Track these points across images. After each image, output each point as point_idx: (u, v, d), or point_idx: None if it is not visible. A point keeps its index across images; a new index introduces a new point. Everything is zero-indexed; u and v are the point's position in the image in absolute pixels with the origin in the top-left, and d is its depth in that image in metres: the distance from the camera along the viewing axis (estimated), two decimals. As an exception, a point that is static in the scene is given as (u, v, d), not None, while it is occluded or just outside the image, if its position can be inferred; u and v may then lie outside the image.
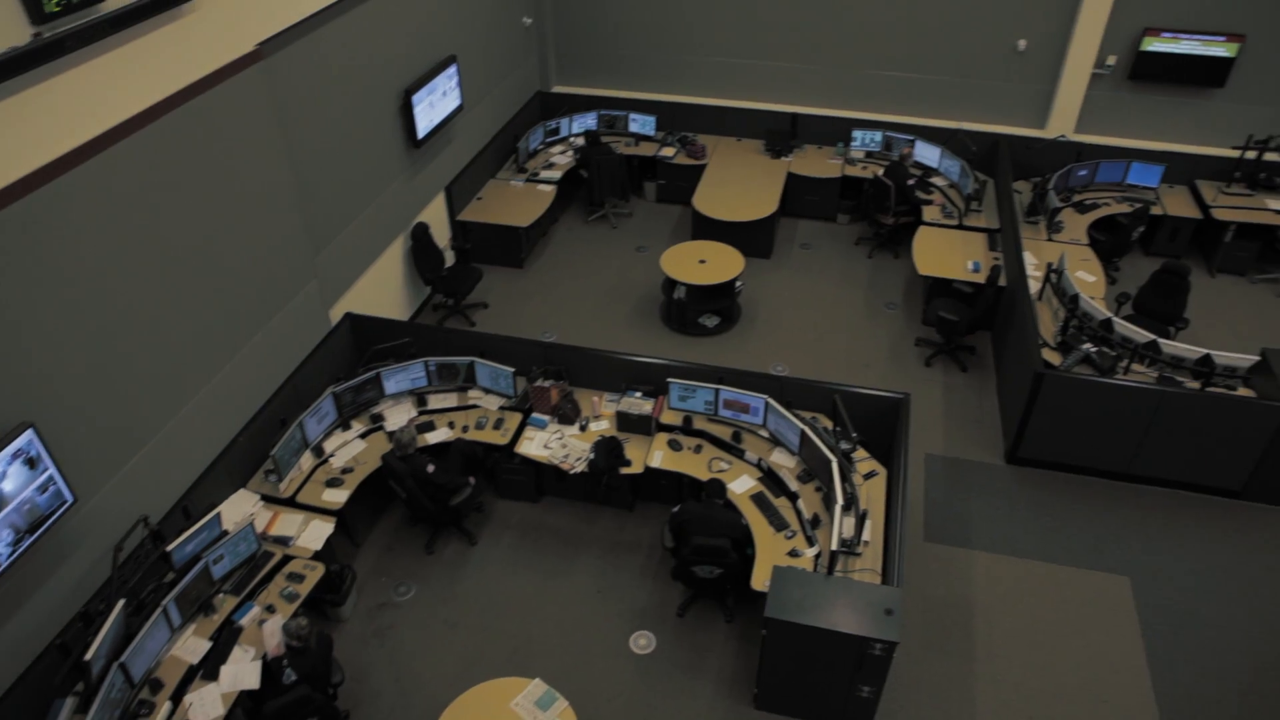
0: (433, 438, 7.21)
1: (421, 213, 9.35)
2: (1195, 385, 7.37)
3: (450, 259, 9.84)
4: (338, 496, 6.64)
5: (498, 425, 7.28)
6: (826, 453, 6.32)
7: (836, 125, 11.33)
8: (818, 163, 11.08)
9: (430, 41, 8.96)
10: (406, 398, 7.54)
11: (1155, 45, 10.28)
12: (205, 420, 6.28)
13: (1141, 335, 7.55)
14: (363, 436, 7.21)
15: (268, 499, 6.58)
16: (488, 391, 7.58)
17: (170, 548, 5.71)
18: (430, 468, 6.61)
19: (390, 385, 7.42)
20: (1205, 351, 7.36)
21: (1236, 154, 10.52)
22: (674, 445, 7.07)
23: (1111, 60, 10.54)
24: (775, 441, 7.01)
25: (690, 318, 9.30)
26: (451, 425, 7.32)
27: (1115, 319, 7.72)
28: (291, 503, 6.60)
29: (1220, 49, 10.17)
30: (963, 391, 8.65)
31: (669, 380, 7.08)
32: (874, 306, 9.79)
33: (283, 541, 6.27)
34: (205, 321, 6.16)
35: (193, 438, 6.18)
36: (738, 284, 9.18)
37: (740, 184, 10.59)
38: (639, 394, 7.33)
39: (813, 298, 9.91)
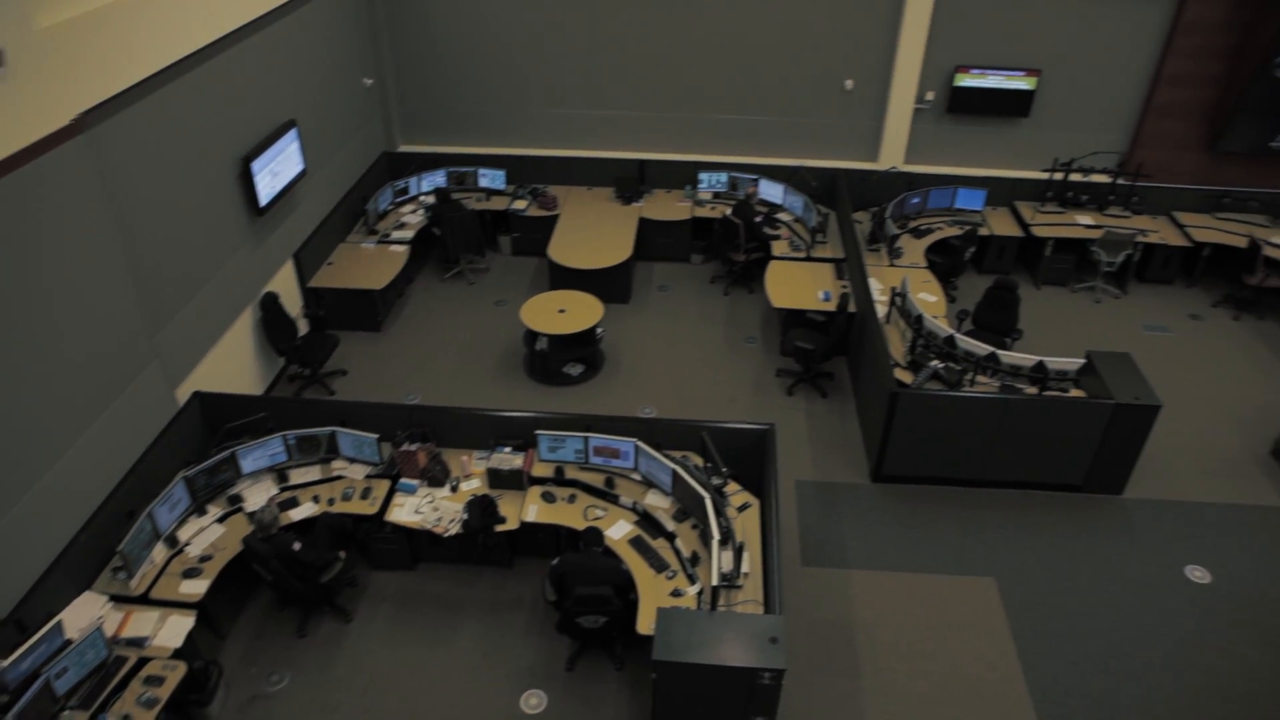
0: (297, 514, 6.91)
1: (270, 282, 9.04)
2: (1033, 391, 7.87)
3: (304, 327, 9.53)
4: (196, 587, 6.25)
5: (365, 494, 7.05)
6: (699, 490, 6.40)
7: (683, 169, 11.66)
8: (667, 206, 11.36)
9: (267, 107, 8.74)
10: (266, 475, 7.21)
11: (966, 81, 11.08)
12: (38, 522, 5.81)
13: (982, 348, 8.02)
14: (220, 520, 6.83)
15: (118, 599, 6.13)
16: (352, 461, 7.34)
17: (1, 667, 5.21)
18: (296, 546, 6.33)
19: (247, 464, 7.08)
20: (1039, 359, 7.89)
21: (1046, 176, 11.45)
22: (548, 497, 7.01)
23: (930, 96, 11.30)
24: (648, 483, 7.05)
25: (554, 368, 9.30)
26: (316, 499, 7.04)
27: (957, 335, 8.17)
28: (145, 600, 6.17)
29: (1022, 83, 11.06)
30: (825, 417, 8.95)
31: (537, 432, 7.04)
32: (734, 342, 10.04)
33: (137, 643, 5.84)
34: (31, 414, 5.73)
35: (23, 543, 5.69)
36: (599, 331, 9.25)
37: (594, 232, 10.72)
38: (508, 449, 7.25)
39: (674, 338, 10.09)
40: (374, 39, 11.11)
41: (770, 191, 11.21)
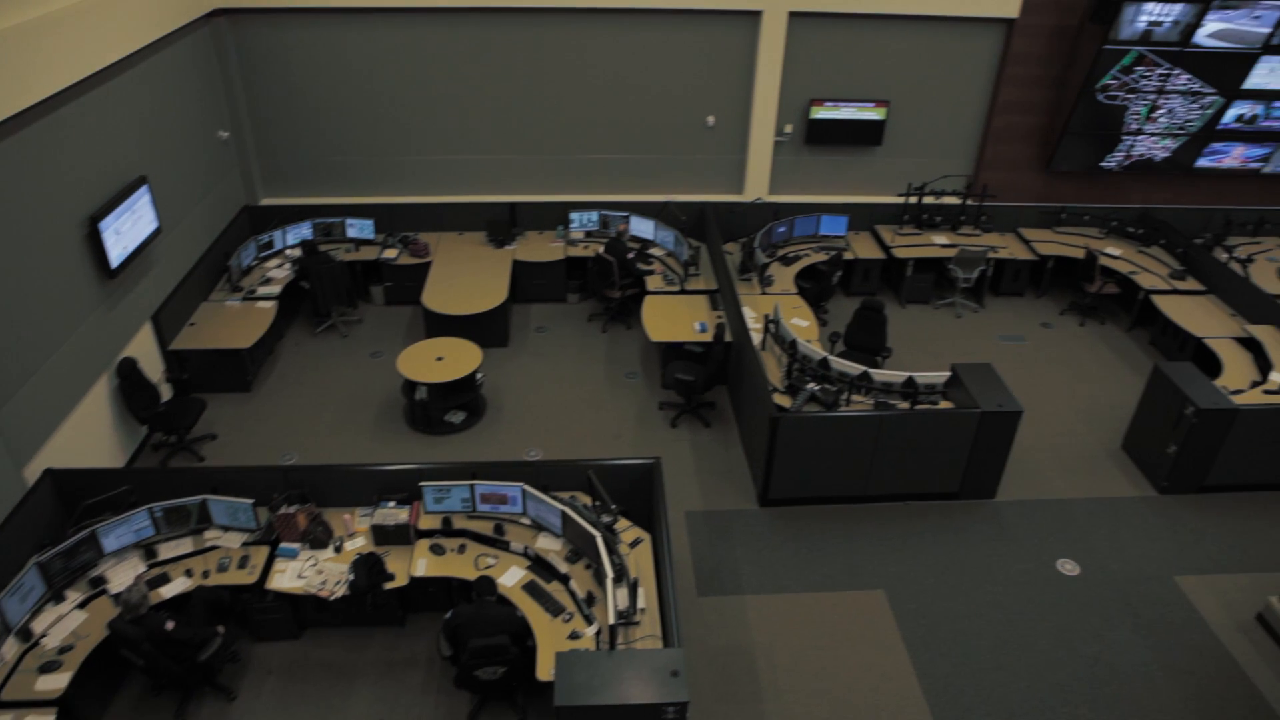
0: (168, 591, 6.52)
1: (127, 347, 8.57)
2: (905, 405, 8.18)
3: (167, 392, 9.07)
4: (56, 682, 5.79)
5: (243, 564, 6.72)
6: (590, 529, 6.37)
7: (554, 209, 11.72)
8: (540, 247, 11.37)
9: (115, 164, 8.34)
10: (132, 553, 6.79)
11: (821, 113, 11.57)
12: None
13: (855, 368, 8.30)
14: (82, 606, 6.38)
15: (-35, 704, 5.63)
16: (227, 529, 6.99)
17: None
18: (169, 625, 5.96)
19: (110, 542, 6.65)
20: (908, 374, 8.22)
21: (902, 200, 12.03)
22: (437, 549, 6.84)
23: (789, 128, 11.73)
24: (538, 527, 6.97)
25: (435, 417, 9.12)
26: (189, 573, 6.66)
27: (830, 357, 8.44)
28: (-4, 702, 5.69)
29: (873, 113, 11.62)
30: (710, 446, 9.07)
31: (422, 484, 6.88)
32: (615, 378, 10.09)
33: (-9, 749, 5.38)
34: None
35: None
36: (478, 376, 9.14)
37: (468, 277, 10.63)
38: (393, 503, 7.05)
39: (555, 378, 10.06)
40: (228, 90, 10.78)
41: (641, 228, 11.38)
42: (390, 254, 11.17)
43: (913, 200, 12.08)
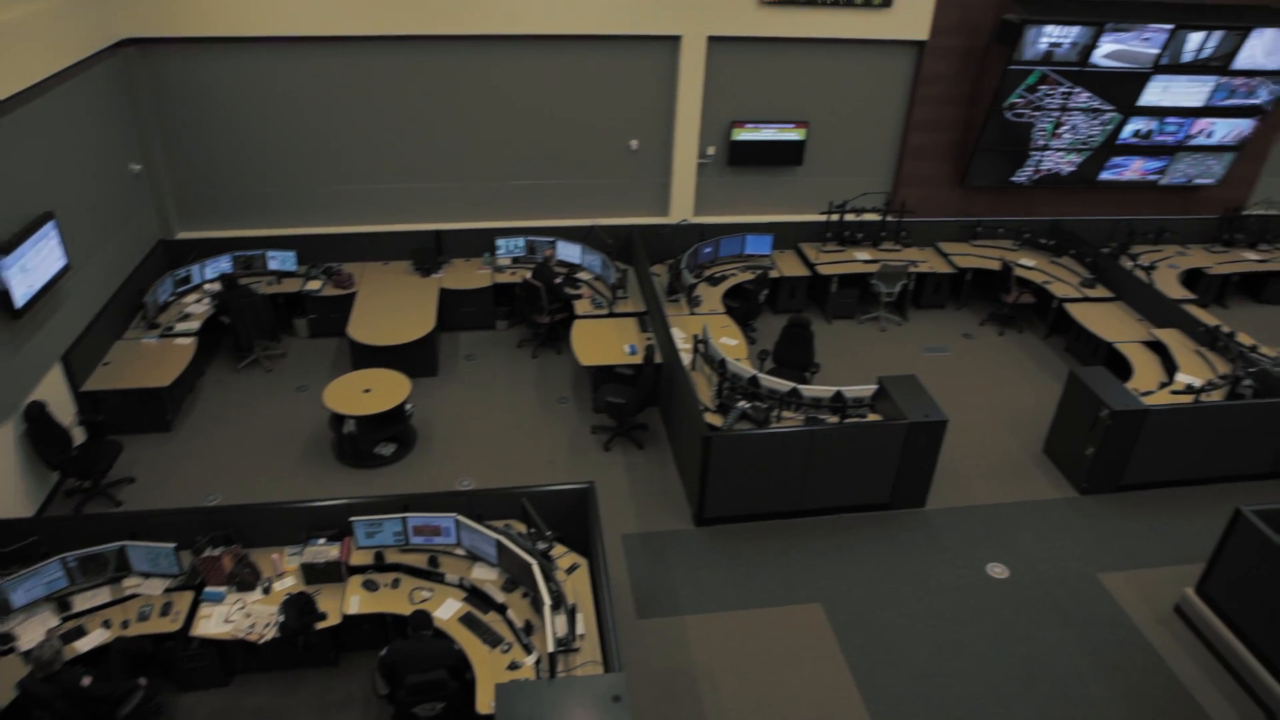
0: (85, 644, 6.24)
1: (34, 390, 8.23)
2: (835, 419, 8.31)
3: (80, 436, 8.72)
4: (-34, 745, 5.51)
5: (165, 611, 6.48)
6: (525, 557, 6.31)
7: (480, 236, 11.66)
8: (467, 275, 11.30)
9: (18, 199, 8.04)
10: (43, 606, 6.48)
11: (743, 135, 11.75)
12: None
13: (784, 385, 8.41)
14: (-9, 664, 6.08)
15: None
16: (148, 576, 6.73)
17: None
18: (86, 681, 5.70)
19: (19, 596, 6.35)
20: (836, 389, 8.36)
21: (824, 218, 12.28)
22: (370, 585, 6.69)
23: (711, 150, 11.89)
24: (473, 557, 6.88)
25: (365, 450, 8.95)
26: (107, 624, 6.39)
27: (760, 375, 8.53)
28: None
29: (793, 134, 11.85)
30: (644, 468, 9.07)
31: (352, 519, 6.73)
32: (547, 404, 10.04)
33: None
34: None
35: None
36: (408, 407, 9.01)
37: (394, 307, 10.49)
38: (323, 540, 6.88)
39: (486, 406, 9.97)
40: (139, 122, 10.48)
41: (568, 252, 11.39)
42: (314, 286, 10.97)
43: (834, 218, 12.34)
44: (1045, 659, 7.12)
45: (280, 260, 11.16)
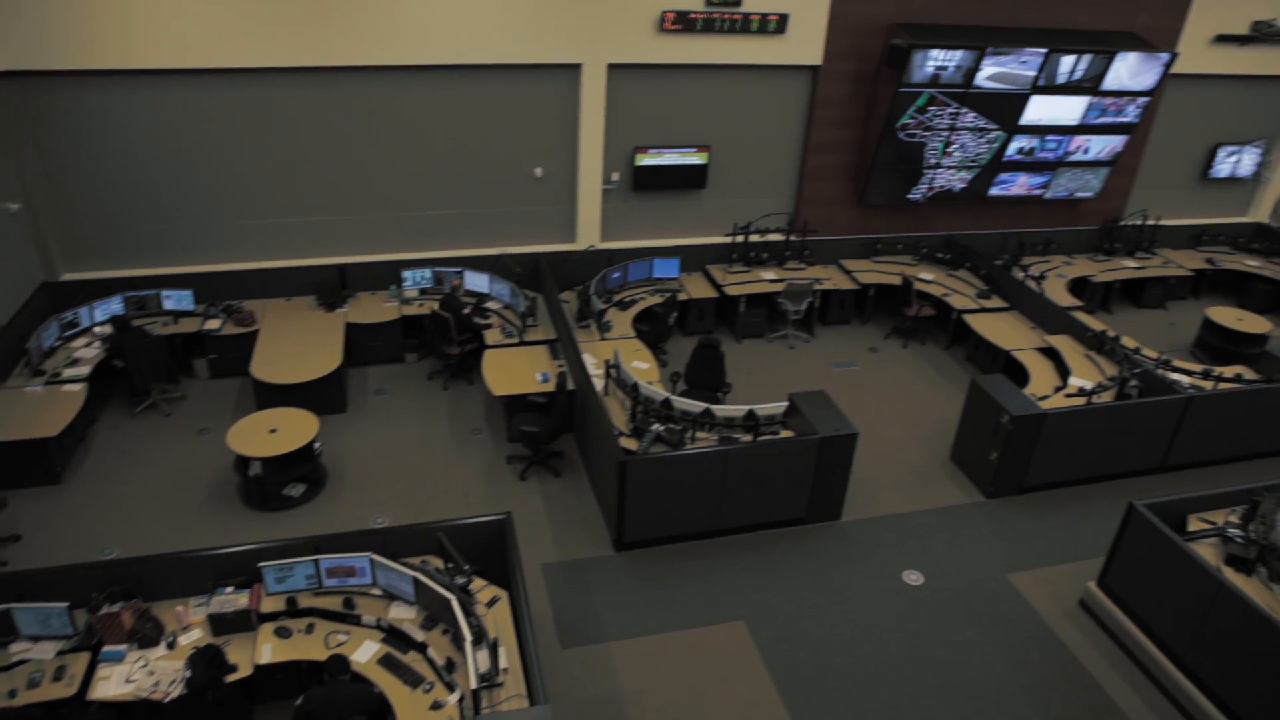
0: (-29, 716, 5.85)
1: (-92, 449, 7.75)
2: (748, 438, 8.41)
3: (-40, 494, 8.22)
4: None
5: (59, 675, 6.11)
6: (444, 593, 6.18)
7: (386, 269, 11.47)
8: (374, 308, 11.09)
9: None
10: (-76, 677, 6.07)
11: (646, 160, 11.88)
12: None
13: (697, 406, 8.48)
14: None
15: None
16: (37, 639, 6.34)
17: None
18: (-27, 753, 5.35)
19: (-103, 668, 5.93)
20: (749, 408, 8.47)
21: (730, 239, 12.48)
22: (283, 633, 6.46)
23: (615, 176, 11.98)
24: (390, 596, 6.71)
25: (273, 492, 8.67)
26: (-5, 693, 6.01)
27: (672, 397, 8.59)
28: None
29: (695, 158, 12.04)
30: (561, 495, 9.01)
31: (261, 565, 6.50)
32: (460, 436, 9.90)
33: None
34: None
35: None
36: (316, 445, 8.77)
37: (298, 343, 10.23)
38: (230, 589, 6.61)
39: (399, 441, 9.77)
40: (17, 158, 10.00)
41: (476, 282, 11.30)
42: (213, 325, 10.61)
43: (740, 239, 12.56)
44: (962, 660, 7.30)
45: (176, 300, 10.76)
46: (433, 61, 10.60)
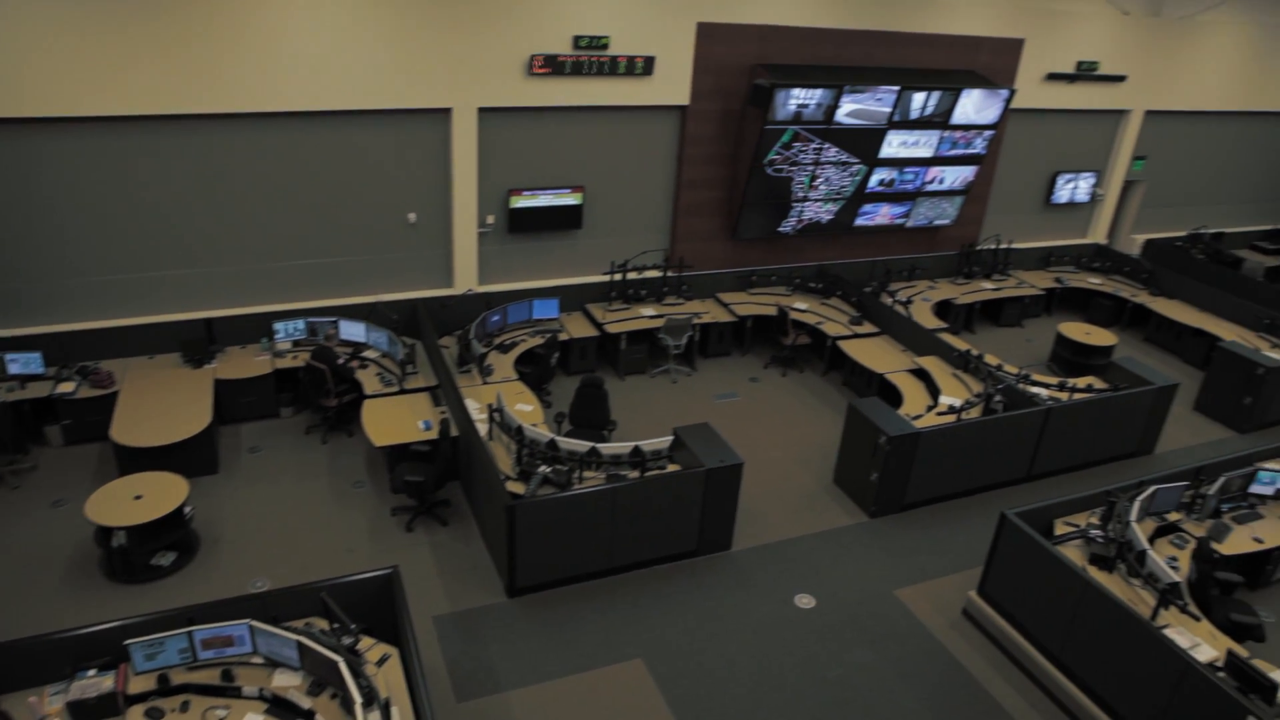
0: None
1: None
2: (636, 474, 8.43)
3: None
4: None
5: (-102, 781, 5.57)
6: (330, 655, 5.93)
7: (256, 321, 11.05)
8: (245, 363, 10.65)
9: None
10: None
11: (521, 202, 11.89)
12: None
13: (583, 446, 8.45)
14: None
15: None
16: (-128, 743, 5.78)
17: None
18: None
19: None
20: (634, 444, 8.50)
21: (608, 277, 12.58)
22: (154, 714, 6.04)
23: (491, 219, 11.94)
24: (273, 664, 6.38)
25: (139, 563, 8.16)
26: None
27: (558, 438, 8.54)
28: None
29: (570, 198, 12.13)
30: (450, 545, 8.81)
31: (128, 643, 6.08)
32: (341, 490, 9.57)
33: None
34: None
35: None
36: (187, 510, 8.32)
37: (163, 403, 9.71)
38: (93, 672, 6.15)
39: (277, 499, 9.37)
40: None
41: (352, 331, 11.01)
42: (66, 388, 9.97)
43: (618, 277, 12.67)
44: (856, 679, 7.45)
45: (23, 363, 10.06)
46: (300, 108, 10.37)
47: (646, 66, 11.65)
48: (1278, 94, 17.54)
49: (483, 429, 9.03)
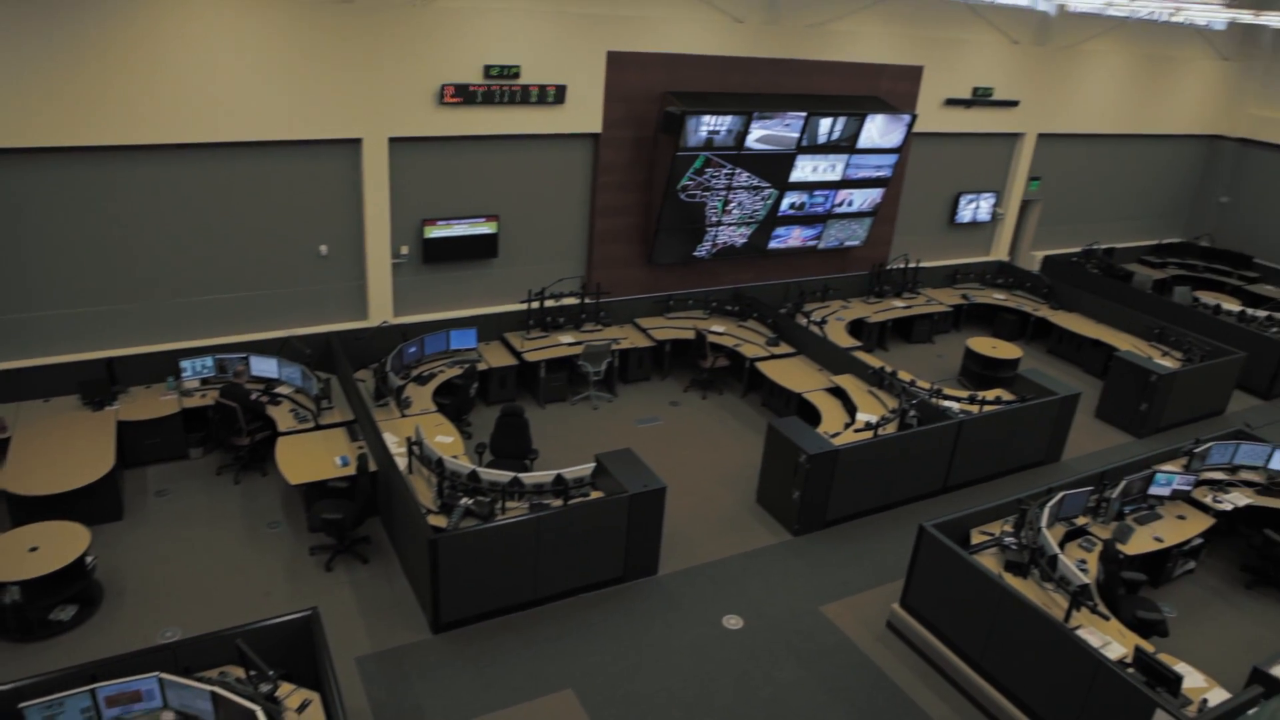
0: None
1: None
2: (559, 503, 8.36)
3: None
4: None
5: None
6: (247, 704, 5.69)
7: (162, 360, 10.63)
8: (150, 403, 10.24)
9: None
10: None
11: (435, 232, 11.78)
12: None
13: (505, 476, 8.36)
14: None
15: None
16: None
17: None
18: None
19: None
20: (556, 473, 8.44)
21: (525, 306, 12.53)
22: (56, 777, 5.72)
23: (405, 250, 11.79)
24: (186, 718, 6.10)
25: (36, 618, 7.72)
26: None
27: (479, 469, 8.43)
28: None
29: (485, 227, 12.07)
30: (371, 583, 8.58)
31: (23, 706, 5.71)
32: (256, 531, 9.25)
33: None
34: None
35: None
36: (89, 560, 7.93)
37: (61, 448, 9.25)
38: (-12, 736, 5.81)
39: (187, 544, 9.00)
40: None
41: (263, 367, 10.70)
42: (-47, 439, 9.44)
43: (535, 305, 12.63)
44: (787, 697, 7.49)
45: (-95, 414, 9.51)
46: (206, 140, 10.09)
47: (558, 95, 11.71)
48: (1156, 118, 18.57)
49: (402, 463, 8.86)
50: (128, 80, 9.49)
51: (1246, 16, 15.09)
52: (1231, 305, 15.75)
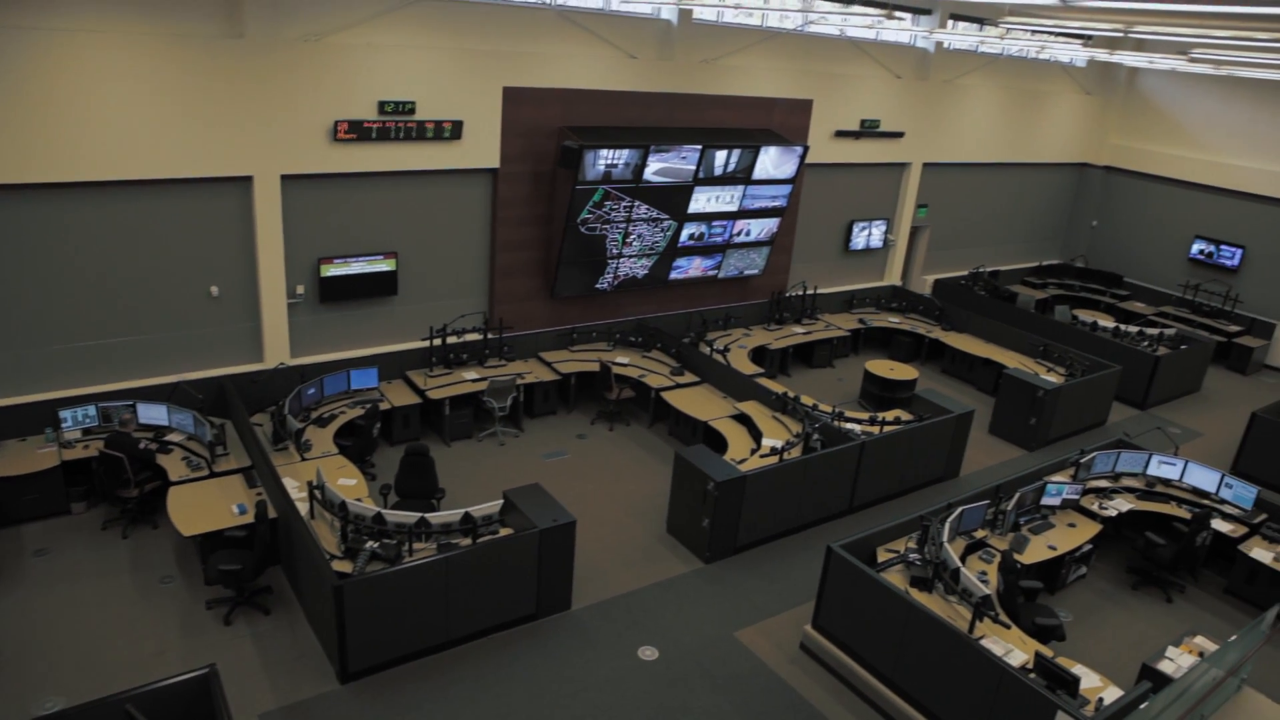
0: None
1: None
2: (468, 542, 8.22)
3: None
4: None
5: None
6: (140, 770, 5.39)
7: (38, 410, 10.05)
8: (25, 457, 9.64)
9: None
10: None
11: (333, 271, 11.54)
12: None
13: (411, 517, 8.18)
14: None
15: None
16: None
17: None
18: None
19: None
20: (464, 511, 8.30)
21: (427, 343, 12.36)
22: None
23: (301, 289, 11.49)
24: (72, 790, 5.73)
25: (-97, 694, 7.17)
26: None
27: (384, 511, 8.22)
28: None
29: (384, 265, 11.89)
30: (274, 634, 8.24)
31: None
32: (147, 587, 8.79)
33: None
34: None
35: None
36: (-39, 627, 7.40)
37: (-72, 511, 8.66)
38: None
39: (71, 605, 8.47)
40: None
41: (152, 414, 10.22)
42: None
43: (437, 342, 12.46)
44: (703, 726, 7.49)
45: None
46: (87, 178, 9.66)
47: (455, 130, 11.66)
48: (1030, 147, 19.63)
49: (303, 508, 8.58)
50: (8, 116, 9.03)
51: (1103, 55, 16.22)
52: (1106, 322, 16.64)
